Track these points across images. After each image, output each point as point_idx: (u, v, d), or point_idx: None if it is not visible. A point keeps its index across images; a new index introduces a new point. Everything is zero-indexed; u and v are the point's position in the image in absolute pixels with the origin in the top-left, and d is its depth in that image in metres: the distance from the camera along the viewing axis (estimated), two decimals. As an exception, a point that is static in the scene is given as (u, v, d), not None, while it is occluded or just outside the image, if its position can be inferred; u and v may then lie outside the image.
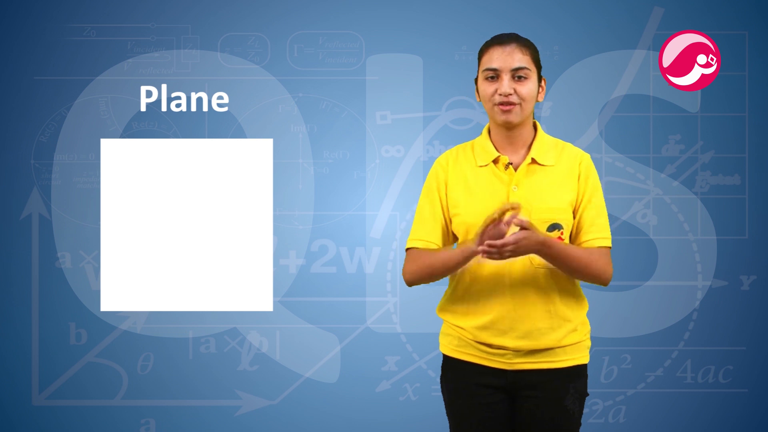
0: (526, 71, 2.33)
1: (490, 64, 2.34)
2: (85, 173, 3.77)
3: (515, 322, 2.31)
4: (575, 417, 2.36)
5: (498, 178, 2.35)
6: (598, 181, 2.38)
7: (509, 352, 2.33)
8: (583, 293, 2.41)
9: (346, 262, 3.80)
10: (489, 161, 2.36)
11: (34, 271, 3.77)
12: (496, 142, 2.39)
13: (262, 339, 3.79)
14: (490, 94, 2.34)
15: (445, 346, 2.43)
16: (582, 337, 2.38)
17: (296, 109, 3.79)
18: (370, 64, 3.79)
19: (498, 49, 2.34)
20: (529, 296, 2.32)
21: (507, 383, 2.35)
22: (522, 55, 2.33)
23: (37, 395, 3.78)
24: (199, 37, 3.78)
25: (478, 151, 2.40)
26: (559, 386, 2.34)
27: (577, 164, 2.37)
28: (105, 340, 3.78)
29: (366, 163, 3.79)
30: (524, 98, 2.32)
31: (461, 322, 2.37)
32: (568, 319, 2.34)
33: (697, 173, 3.78)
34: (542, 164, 2.35)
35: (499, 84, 2.32)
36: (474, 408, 2.35)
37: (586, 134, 3.77)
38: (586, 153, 2.40)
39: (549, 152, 2.37)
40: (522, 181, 2.34)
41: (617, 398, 3.79)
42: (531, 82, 2.34)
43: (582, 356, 2.38)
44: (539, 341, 2.32)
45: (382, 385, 3.79)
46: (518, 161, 2.37)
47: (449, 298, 2.42)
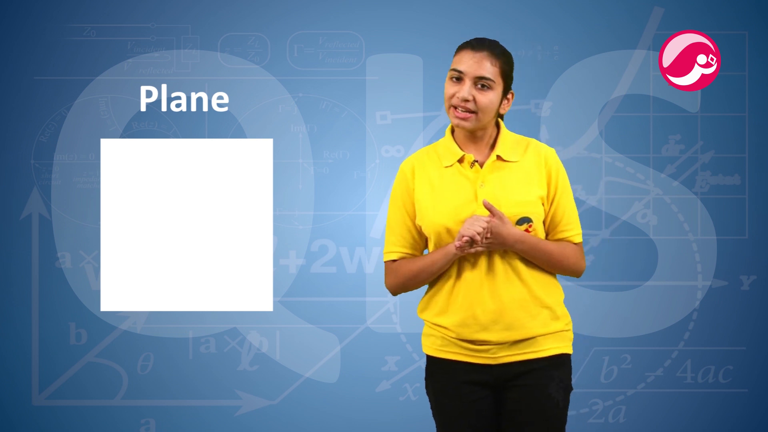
0: (490, 82, 2.32)
1: (457, 65, 2.34)
2: (85, 173, 3.77)
3: (495, 315, 2.32)
4: (560, 407, 2.36)
5: (464, 176, 2.36)
6: (566, 175, 2.41)
7: (493, 346, 2.34)
8: (558, 282, 2.43)
9: (346, 262, 3.80)
10: (454, 161, 2.37)
11: (34, 271, 3.77)
12: (459, 141, 2.40)
13: (262, 339, 3.79)
14: (450, 94, 2.35)
15: (428, 347, 2.44)
16: (564, 326, 2.39)
17: (296, 109, 3.79)
18: (370, 64, 3.79)
19: (469, 53, 2.34)
20: (506, 287, 2.33)
21: (493, 378, 2.35)
22: (491, 66, 2.33)
23: (37, 395, 3.78)
24: (199, 37, 3.78)
25: (442, 152, 2.40)
26: (543, 374, 2.35)
27: (544, 159, 2.38)
28: (105, 340, 3.78)
29: (366, 163, 3.79)
30: (482, 108, 2.33)
31: (442, 320, 2.38)
32: (547, 306, 2.36)
33: (697, 173, 3.78)
34: (507, 160, 2.36)
35: (460, 87, 2.33)
36: (462, 407, 2.36)
37: (586, 134, 3.77)
38: (552, 148, 2.42)
39: (513, 148, 2.38)
40: (488, 178, 2.35)
41: (617, 398, 3.79)
42: (493, 94, 2.33)
43: (565, 346, 2.39)
44: (521, 331, 2.33)
45: (382, 385, 3.80)
46: (483, 159, 2.38)
47: (428, 299, 2.43)
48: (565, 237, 2.40)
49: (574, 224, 2.41)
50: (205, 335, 3.79)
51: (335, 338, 3.79)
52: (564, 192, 2.39)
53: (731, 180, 3.78)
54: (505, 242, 2.29)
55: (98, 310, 3.75)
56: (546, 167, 2.38)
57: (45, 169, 3.77)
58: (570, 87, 3.80)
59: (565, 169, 2.41)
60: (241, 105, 3.78)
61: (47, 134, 3.77)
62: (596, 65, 3.77)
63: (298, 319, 3.79)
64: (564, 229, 2.39)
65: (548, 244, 2.35)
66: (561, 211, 2.38)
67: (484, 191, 2.33)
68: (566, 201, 2.39)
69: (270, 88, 3.78)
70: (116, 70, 3.77)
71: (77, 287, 3.77)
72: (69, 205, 3.77)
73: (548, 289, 2.38)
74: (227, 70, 3.78)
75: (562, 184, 2.39)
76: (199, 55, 3.78)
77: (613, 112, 3.77)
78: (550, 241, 2.38)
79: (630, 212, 3.76)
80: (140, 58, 3.77)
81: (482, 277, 2.33)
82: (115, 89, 3.77)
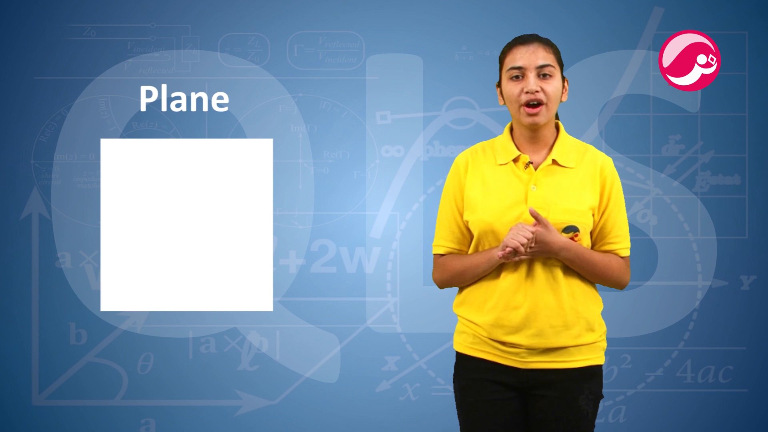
0: (551, 69, 2.31)
1: (514, 62, 2.32)
2: (85, 173, 3.77)
3: (529, 320, 2.30)
4: (589, 418, 2.34)
5: (517, 176, 2.33)
6: (620, 186, 2.38)
7: (523, 350, 2.32)
8: (599, 293, 2.41)
9: (346, 262, 3.80)
10: (509, 160, 2.35)
11: (34, 271, 3.77)
12: (517, 141, 2.38)
13: (262, 339, 3.79)
14: (516, 93, 2.32)
15: (459, 344, 2.42)
16: (598, 337, 2.37)
17: (296, 109, 3.79)
18: (370, 64, 3.79)
19: (521, 48, 2.32)
20: (544, 293, 2.30)
21: (519, 381, 2.33)
22: (546, 53, 2.32)
23: (37, 395, 3.78)
24: (199, 37, 3.78)
25: (498, 150, 2.38)
26: (573, 386, 2.32)
27: (599, 168, 2.35)
28: (105, 340, 3.78)
29: (366, 163, 3.79)
30: (550, 97, 2.31)
31: (476, 318, 2.36)
32: (583, 317, 2.33)
33: (697, 173, 3.78)
34: (563, 165, 2.34)
35: (525, 82, 2.30)
36: (485, 404, 2.34)
37: (586, 134, 3.77)
38: (609, 157, 2.39)
39: (570, 153, 2.35)
40: (541, 181, 2.32)
41: (617, 398, 3.79)
42: (556, 81, 2.32)
43: (597, 357, 2.37)
44: (553, 340, 2.30)
45: (382, 385, 3.79)
46: (539, 161, 2.35)
47: (465, 295, 2.41)
48: (613, 249, 2.36)
49: (623, 237, 2.37)
50: (205, 335, 3.79)
51: (335, 338, 3.79)
52: (616, 204, 2.35)
53: (731, 180, 3.78)
54: (551, 250, 2.26)
55: (98, 310, 3.75)
56: (601, 177, 2.34)
57: (45, 169, 3.77)
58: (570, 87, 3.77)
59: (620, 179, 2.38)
60: (241, 105, 3.78)
61: (47, 134, 3.77)
62: (596, 65, 3.77)
63: (298, 319, 3.79)
64: (612, 241, 2.36)
65: (593, 255, 2.31)
66: (611, 223, 2.35)
67: (535, 194, 2.30)
68: (617, 213, 2.36)
69: (270, 88, 3.78)
70: (116, 70, 3.77)
71: (77, 287, 3.77)
72: (69, 205, 3.77)
73: (586, 299, 2.34)
74: (227, 70, 3.78)
75: (616, 195, 2.35)
76: (199, 55, 3.78)
77: (613, 112, 3.77)
78: (596, 252, 2.34)
79: (630, 212, 3.76)
80: (140, 58, 3.77)
81: (521, 280, 2.30)
82: (115, 89, 3.77)
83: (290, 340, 3.79)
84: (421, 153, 3.79)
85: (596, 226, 2.35)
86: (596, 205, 2.33)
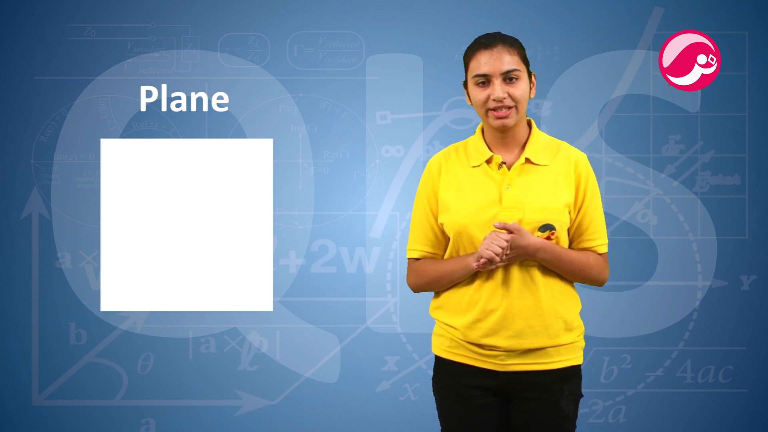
0: (517, 72, 2.28)
1: (478, 69, 2.29)
2: (85, 173, 3.77)
3: (507, 321, 2.28)
4: (571, 418, 2.34)
5: (490, 177, 2.32)
6: (596, 182, 2.36)
7: (501, 353, 2.30)
8: (577, 292, 2.40)
9: (346, 262, 3.80)
10: (482, 161, 2.33)
11: (34, 271, 3.77)
12: (489, 141, 2.36)
13: (262, 339, 3.79)
14: (482, 100, 2.30)
15: (437, 347, 2.41)
16: (576, 337, 2.35)
17: (296, 109, 3.79)
18: (370, 64, 3.79)
19: (485, 54, 2.29)
20: (521, 294, 2.29)
21: (499, 385, 2.32)
22: (510, 57, 2.28)
23: (37, 395, 3.78)
24: (199, 37, 3.78)
25: (471, 151, 2.36)
26: (554, 388, 2.31)
27: (574, 164, 2.33)
28: (105, 340, 3.78)
29: (366, 163, 3.79)
30: (518, 100, 2.28)
31: (452, 320, 2.35)
32: (561, 317, 2.31)
33: (697, 173, 3.78)
34: (536, 163, 2.32)
35: (491, 89, 2.28)
36: (465, 409, 2.33)
37: (586, 134, 3.77)
38: (583, 153, 2.37)
39: (544, 151, 2.33)
40: (515, 181, 2.30)
41: (617, 398, 3.79)
42: (523, 83, 2.29)
43: (576, 357, 2.36)
44: (531, 340, 2.29)
45: (382, 385, 3.79)
46: (512, 161, 2.33)
47: (442, 298, 2.40)
48: (590, 246, 2.34)
49: (600, 234, 2.35)
50: (205, 335, 3.79)
51: (335, 338, 3.79)
52: (592, 200, 2.33)
53: (731, 180, 3.78)
54: (527, 253, 2.24)
55: (98, 310, 3.75)
56: (576, 173, 2.32)
57: (45, 169, 3.77)
58: (570, 87, 3.80)
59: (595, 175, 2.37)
60: (241, 105, 3.78)
61: (47, 134, 3.77)
62: (596, 65, 3.77)
63: (298, 319, 3.79)
64: (589, 238, 2.34)
65: (571, 254, 2.30)
66: (588, 220, 2.33)
67: (509, 194, 2.28)
68: (594, 209, 2.34)
69: (270, 88, 3.78)
70: (116, 70, 3.77)
71: (77, 287, 3.77)
72: (69, 205, 3.77)
73: (564, 299, 2.33)
74: (227, 70, 3.78)
75: (591, 191, 2.33)
76: (199, 55, 3.78)
77: (613, 112, 3.77)
78: (573, 251, 2.32)
79: (630, 212, 3.76)
80: (140, 58, 3.77)
81: (498, 283, 2.29)
82: (115, 89, 3.77)
83: (290, 340, 3.79)
84: (421, 153, 3.79)
85: (573, 223, 2.33)
86: (572, 202, 2.31)
